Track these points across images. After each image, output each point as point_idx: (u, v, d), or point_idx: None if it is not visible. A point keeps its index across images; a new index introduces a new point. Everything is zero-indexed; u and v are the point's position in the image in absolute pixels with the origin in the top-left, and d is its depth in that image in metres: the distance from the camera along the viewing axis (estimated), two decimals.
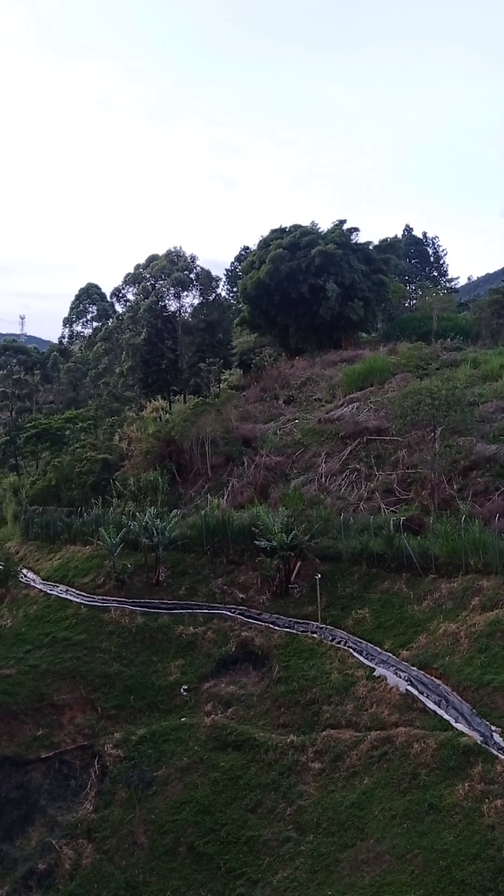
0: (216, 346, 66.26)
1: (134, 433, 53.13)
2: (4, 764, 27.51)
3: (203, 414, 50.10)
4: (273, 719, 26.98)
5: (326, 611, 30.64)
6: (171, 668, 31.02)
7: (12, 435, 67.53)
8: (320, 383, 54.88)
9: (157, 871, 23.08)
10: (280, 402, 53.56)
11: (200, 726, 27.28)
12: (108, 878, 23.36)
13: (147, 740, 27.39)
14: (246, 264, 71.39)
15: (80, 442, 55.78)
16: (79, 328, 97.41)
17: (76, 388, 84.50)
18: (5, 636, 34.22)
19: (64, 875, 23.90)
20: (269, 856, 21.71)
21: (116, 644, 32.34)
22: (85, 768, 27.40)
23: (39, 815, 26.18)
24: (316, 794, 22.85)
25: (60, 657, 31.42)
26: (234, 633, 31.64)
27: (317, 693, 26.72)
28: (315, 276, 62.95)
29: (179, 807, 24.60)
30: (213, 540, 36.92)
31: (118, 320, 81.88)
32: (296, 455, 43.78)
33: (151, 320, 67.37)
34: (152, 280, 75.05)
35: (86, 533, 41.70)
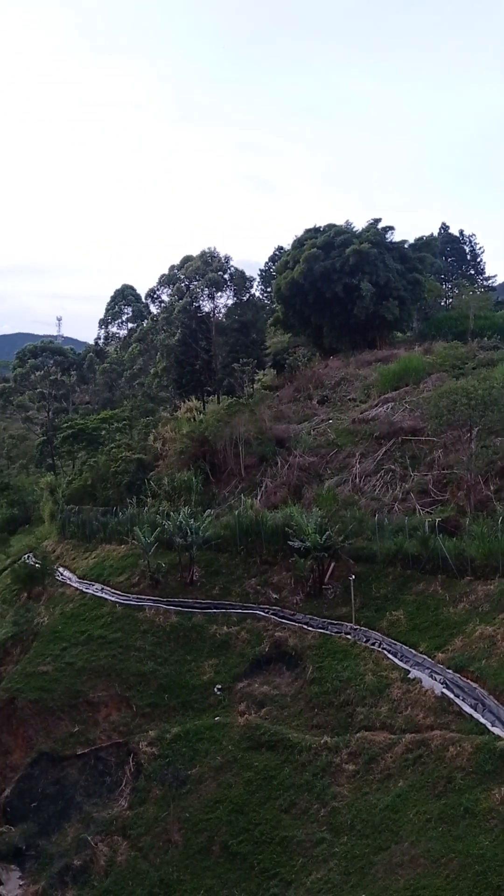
0: (250, 347, 66.32)
1: (168, 433, 53.43)
2: (41, 760, 27.92)
3: (236, 414, 50.17)
4: (307, 720, 26.93)
5: (360, 612, 30.49)
6: (205, 668, 31.14)
7: (49, 435, 68.42)
8: (354, 383, 54.60)
9: (191, 869, 23.20)
10: (314, 402, 53.41)
11: (234, 726, 27.34)
12: (143, 876, 23.54)
13: (181, 739, 27.53)
14: (280, 264, 71.31)
15: (116, 442, 56.27)
16: (114, 329, 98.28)
17: (111, 389, 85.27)
18: (42, 634, 34.71)
19: (99, 871, 24.15)
20: (303, 856, 21.68)
21: (151, 643, 32.56)
22: (120, 765, 27.65)
23: (75, 811, 26.50)
24: (350, 795, 22.75)
25: (96, 655, 31.75)
26: (268, 633, 31.65)
27: (351, 694, 26.61)
28: (349, 275, 62.64)
29: (213, 805, 24.69)
30: (247, 540, 36.95)
31: (153, 321, 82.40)
32: (330, 455, 43.61)
33: (185, 321, 67.66)
34: (186, 281, 75.40)
35: (121, 532, 42.03)
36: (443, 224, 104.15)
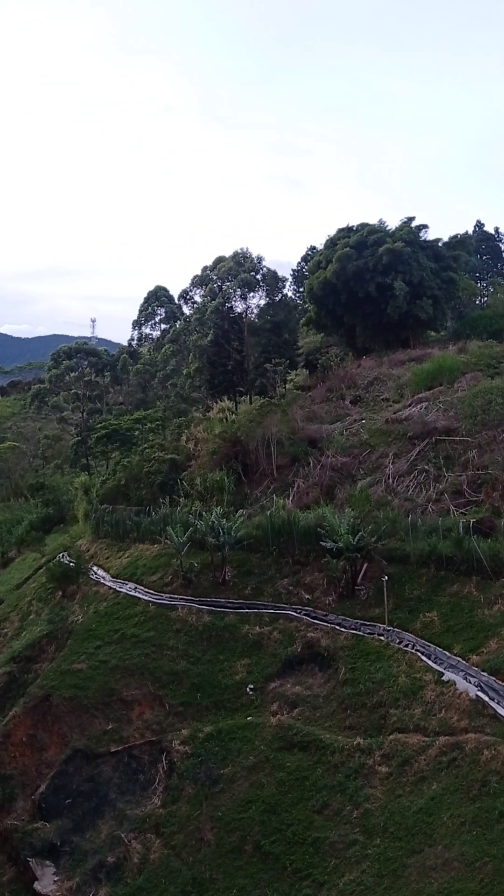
0: (282, 347, 66.20)
1: (200, 434, 53.60)
2: (76, 756, 28.20)
3: (269, 414, 50.16)
4: (339, 721, 26.84)
5: (393, 613, 30.31)
6: (238, 667, 31.20)
7: (83, 435, 69.02)
8: (388, 383, 54.24)
9: (223, 868, 23.26)
10: (346, 403, 53.17)
11: (266, 726, 27.35)
12: (176, 874, 23.66)
13: (214, 738, 27.61)
14: (312, 264, 71.14)
15: (149, 442, 56.58)
16: (147, 330, 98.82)
17: (145, 390, 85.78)
18: (77, 632, 35.05)
19: (132, 869, 24.33)
20: (336, 858, 21.61)
21: (183, 642, 32.71)
22: (153, 763, 27.81)
23: (109, 809, 26.71)
24: (383, 797, 22.63)
25: (129, 653, 31.98)
26: (300, 634, 31.60)
27: (384, 696, 26.46)
28: (382, 274, 62.26)
29: (246, 805, 24.73)
30: (279, 540, 36.94)
31: (185, 322, 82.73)
32: (362, 456, 43.40)
33: (218, 322, 67.80)
34: (219, 281, 75.57)
35: (154, 532, 42.27)
36: (477, 222, 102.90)
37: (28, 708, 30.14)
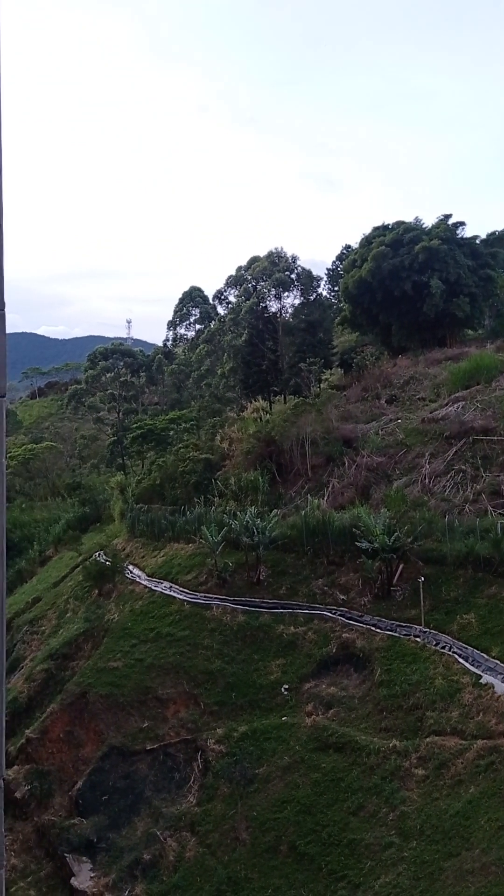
0: (317, 346, 66.09)
1: (235, 433, 53.68)
2: (112, 754, 28.44)
3: (303, 414, 50.05)
4: (375, 723, 26.68)
5: (430, 615, 30.04)
6: (272, 667, 31.18)
7: (119, 435, 69.64)
8: (424, 382, 53.80)
9: (258, 867, 23.27)
10: (382, 402, 52.85)
11: (301, 726, 27.30)
12: (211, 872, 23.72)
13: (248, 737, 27.64)
14: (347, 263, 70.86)
15: (184, 442, 56.84)
16: (182, 331, 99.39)
17: (180, 390, 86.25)
18: (112, 630, 35.34)
19: (168, 866, 24.45)
20: (372, 860, 21.50)
21: (218, 641, 32.79)
22: (188, 762, 27.94)
23: (144, 806, 26.89)
24: (419, 800, 22.45)
25: (164, 652, 32.15)
26: (335, 635, 31.49)
27: (420, 698, 26.25)
28: (419, 272, 61.78)
29: (281, 805, 24.70)
30: (314, 540, 36.84)
31: (220, 322, 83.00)
32: (398, 455, 43.09)
33: (252, 321, 67.91)
34: (253, 281, 75.70)
35: (188, 531, 42.45)
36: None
37: (65, 705, 30.49)
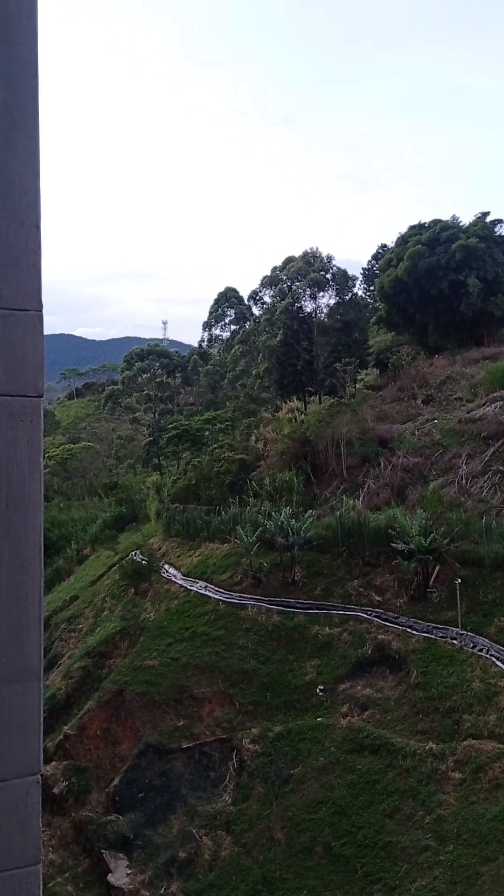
0: (352, 346, 65.79)
1: (270, 434, 53.67)
2: (148, 752, 28.64)
3: (338, 414, 49.86)
4: (411, 725, 26.48)
5: (467, 617, 29.72)
6: (307, 668, 31.12)
7: (155, 436, 70.08)
8: (461, 382, 53.24)
9: (293, 868, 23.24)
10: (418, 402, 52.42)
11: (336, 727, 27.20)
12: (246, 872, 23.75)
13: (283, 738, 27.62)
14: (383, 262, 70.45)
15: (219, 442, 57.00)
16: (217, 331, 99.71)
17: (215, 390, 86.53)
18: (148, 629, 35.59)
19: (203, 865, 24.54)
20: (408, 863, 21.34)
21: (253, 641, 32.82)
22: (224, 761, 28.01)
23: (180, 804, 27.03)
24: (456, 804, 22.23)
25: (200, 651, 32.28)
26: (371, 636, 31.32)
27: (457, 701, 25.98)
28: (455, 271, 61.15)
29: (316, 806, 24.65)
30: (349, 541, 36.66)
31: (255, 323, 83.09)
32: (435, 456, 42.71)
33: (287, 322, 67.86)
34: (288, 282, 75.64)
35: (224, 531, 42.54)
36: None
37: (102, 702, 30.78)
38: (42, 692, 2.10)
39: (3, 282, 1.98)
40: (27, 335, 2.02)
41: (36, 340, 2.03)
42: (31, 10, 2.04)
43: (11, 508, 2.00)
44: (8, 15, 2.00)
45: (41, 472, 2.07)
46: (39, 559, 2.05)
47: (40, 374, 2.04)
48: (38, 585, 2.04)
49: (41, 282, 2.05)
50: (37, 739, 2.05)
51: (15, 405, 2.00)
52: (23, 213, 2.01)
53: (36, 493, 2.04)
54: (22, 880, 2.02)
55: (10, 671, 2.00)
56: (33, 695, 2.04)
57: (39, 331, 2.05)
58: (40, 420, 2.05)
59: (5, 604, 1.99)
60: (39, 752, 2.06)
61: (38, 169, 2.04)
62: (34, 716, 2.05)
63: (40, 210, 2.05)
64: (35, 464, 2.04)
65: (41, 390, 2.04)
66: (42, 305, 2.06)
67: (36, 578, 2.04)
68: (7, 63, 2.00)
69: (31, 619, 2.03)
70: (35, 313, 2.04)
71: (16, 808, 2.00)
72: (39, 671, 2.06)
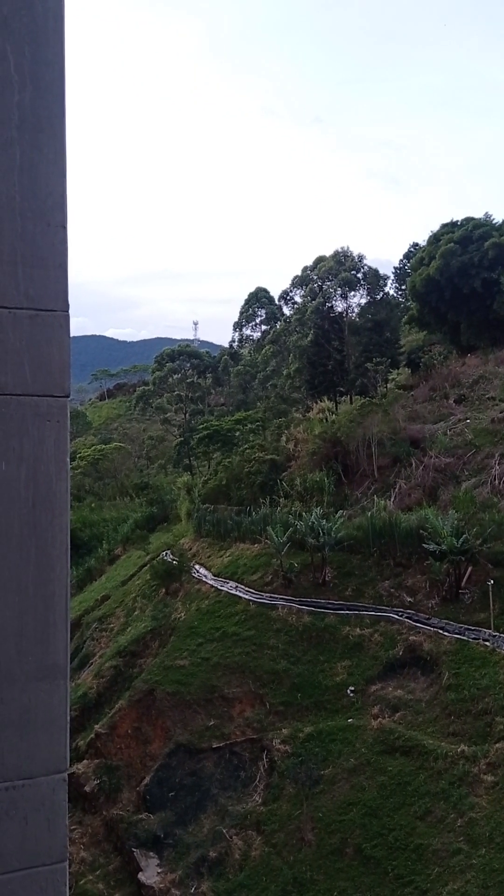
0: (383, 346, 65.37)
1: (300, 434, 53.58)
2: (179, 751, 28.75)
3: (369, 414, 49.62)
4: (442, 727, 26.25)
5: (500, 618, 29.38)
6: (338, 669, 31.01)
7: (186, 436, 70.31)
8: (494, 381, 52.63)
9: (324, 869, 23.17)
10: (450, 402, 51.93)
11: (367, 729, 27.07)
12: (277, 872, 23.73)
13: (314, 738, 27.56)
14: (415, 261, 69.90)
15: (249, 443, 57.02)
16: (248, 332, 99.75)
17: (245, 391, 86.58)
18: (179, 629, 35.73)
19: (234, 865, 24.57)
20: (439, 866, 21.16)
21: (284, 642, 32.78)
22: (254, 761, 28.02)
23: (211, 804, 27.09)
24: (488, 807, 21.99)
25: (230, 651, 32.32)
26: (402, 637, 31.10)
27: (490, 703, 25.70)
28: (488, 269, 60.46)
29: (346, 807, 24.55)
30: (380, 542, 36.44)
31: (286, 323, 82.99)
32: (467, 456, 42.29)
33: (318, 321, 67.64)
34: (319, 281, 75.40)
35: (254, 531, 42.53)
36: None
37: (133, 701, 30.97)
38: (69, 691, 2.10)
39: (30, 282, 1.99)
40: (53, 335, 2.03)
41: (62, 340, 2.04)
42: (59, 12, 2.05)
43: (38, 508, 2.01)
44: (35, 16, 2.01)
45: (68, 471, 2.08)
46: (66, 558, 2.06)
47: (67, 375, 2.05)
48: (64, 584, 2.05)
49: (67, 282, 2.06)
50: (63, 737, 2.06)
51: (42, 405, 2.01)
52: (49, 214, 2.02)
53: (63, 492, 2.05)
54: (48, 877, 2.03)
55: (37, 669, 2.01)
56: (60, 693, 2.05)
57: (66, 331, 2.06)
58: (67, 420, 2.05)
59: (32, 602, 2.00)
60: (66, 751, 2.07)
61: (64, 169, 2.05)
62: (61, 714, 2.06)
63: (66, 210, 2.06)
64: (62, 463, 2.05)
65: (68, 390, 2.05)
66: (68, 306, 2.07)
67: (63, 577, 2.05)
68: (34, 64, 2.01)
69: (58, 618, 2.04)
70: (61, 313, 2.04)
71: (42, 805, 2.02)
72: (66, 669, 2.07)
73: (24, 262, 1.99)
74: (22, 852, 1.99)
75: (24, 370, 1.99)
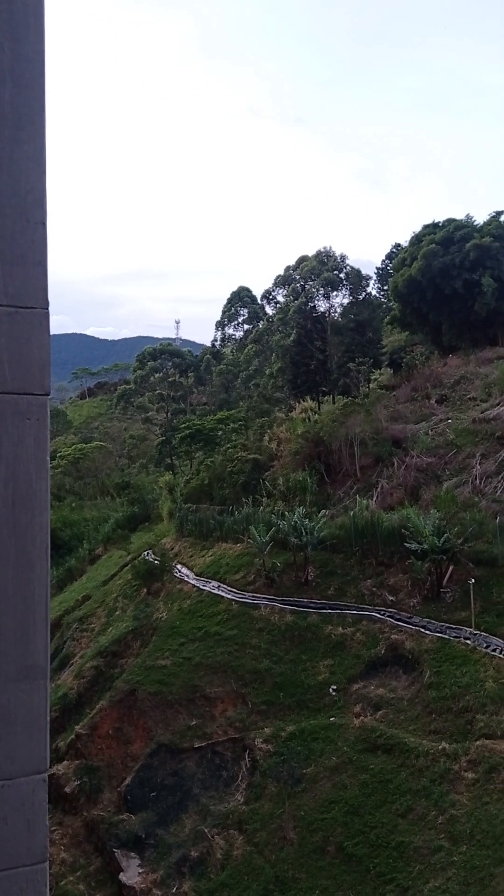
0: (366, 346, 65.67)
1: (283, 434, 53.66)
2: (160, 751, 28.69)
3: (352, 414, 49.79)
4: (424, 725, 26.39)
5: (480, 617, 29.59)
6: (320, 668, 31.08)
7: (168, 435, 70.26)
8: (475, 382, 53.00)
9: (306, 868, 23.21)
10: (432, 402, 52.23)
11: (349, 727, 27.15)
12: (258, 871, 23.74)
13: (296, 737, 27.60)
14: (397, 261, 70.23)
15: (232, 442, 57.04)
16: (230, 331, 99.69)
17: (228, 390, 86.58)
18: (161, 628, 35.66)
19: (215, 864, 24.55)
20: (420, 863, 21.27)
21: (266, 641, 32.81)
22: (236, 760, 28.02)
23: (192, 803, 27.06)
24: (469, 804, 22.13)
25: (213, 651, 32.31)
26: (384, 636, 31.24)
27: (470, 701, 25.87)
28: (469, 270, 60.89)
29: (328, 806, 24.61)
30: (362, 541, 36.57)
31: (268, 322, 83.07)
32: (448, 456, 42.55)
33: (301, 321, 67.81)
34: (302, 281, 75.56)
35: (237, 531, 42.54)
36: None
37: (114, 701, 30.87)
38: (49, 691, 2.09)
39: (9, 279, 1.98)
40: (33, 333, 2.01)
41: (42, 338, 2.03)
42: (38, 9, 2.04)
43: (18, 507, 1.99)
44: (14, 13, 2.00)
45: (48, 470, 2.06)
46: (46, 558, 2.05)
47: (47, 373, 2.04)
48: (44, 584, 2.04)
49: (47, 279, 2.05)
50: (43, 738, 2.05)
51: (21, 403, 1.99)
52: (29, 210, 2.01)
53: (43, 491, 2.04)
54: (29, 878, 2.02)
55: (17, 670, 2.00)
56: (40, 694, 2.04)
57: (46, 329, 2.04)
58: (47, 418, 2.04)
59: (11, 602, 1.98)
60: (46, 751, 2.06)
61: (44, 166, 2.04)
62: (41, 714, 2.04)
63: (46, 207, 2.04)
64: (42, 462, 2.03)
65: (48, 388, 2.04)
66: (48, 303, 2.05)
67: (42, 577, 2.03)
68: (14, 61, 2.00)
69: (38, 618, 2.03)
70: (41, 311, 2.03)
71: (22, 806, 2.00)
72: (46, 670, 2.06)
73: (4, 259, 1.98)
74: (2, 853, 1.98)
75: (4, 368, 1.97)
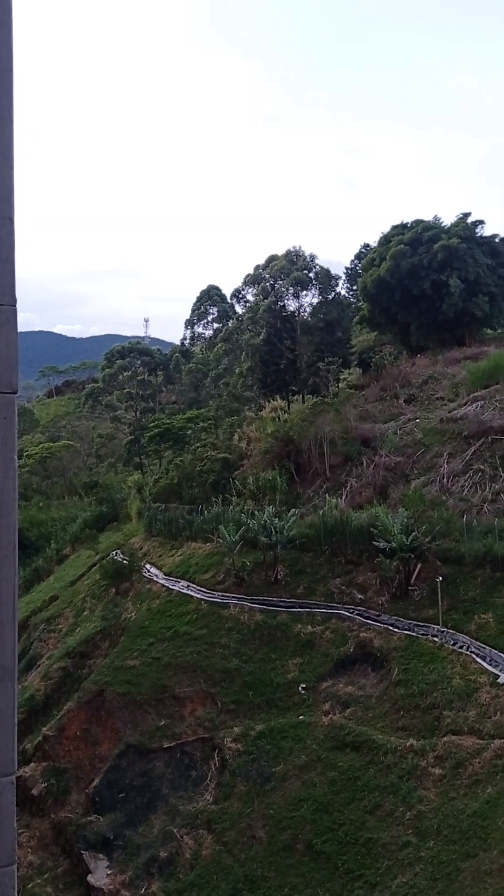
0: (335, 346, 65.98)
1: (253, 433, 53.72)
2: (129, 752, 28.55)
3: (321, 413, 50.00)
4: (392, 722, 26.61)
5: (448, 614, 29.90)
6: (290, 666, 31.17)
7: (136, 434, 69.88)
8: (442, 382, 53.53)
9: (275, 866, 23.27)
10: (400, 402, 52.64)
11: (318, 725, 27.27)
12: (228, 871, 23.75)
13: (265, 736, 27.66)
14: (366, 262, 70.65)
15: (201, 441, 56.94)
16: (200, 330, 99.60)
17: (197, 389, 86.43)
18: (130, 629, 35.47)
19: (184, 864, 24.50)
20: (388, 859, 21.44)
21: (236, 640, 32.82)
22: (205, 760, 27.99)
23: (161, 804, 26.98)
24: (436, 800, 22.35)
25: (182, 651, 32.23)
26: (353, 634, 31.42)
27: (437, 697, 26.14)
28: (437, 271, 61.50)
29: (297, 804, 24.70)
30: (332, 540, 36.75)
31: (238, 321, 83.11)
32: (416, 455, 42.93)
33: (270, 320, 67.94)
34: (271, 280, 75.72)
35: (206, 530, 42.49)
36: None
37: (82, 703, 30.65)
38: (16, 692, 2.07)
39: None
40: (0, 330, 1.99)
41: (9, 336, 2.00)
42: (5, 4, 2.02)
43: None
44: None
45: (15, 469, 2.04)
46: (14, 558, 2.02)
47: (14, 370, 2.01)
48: (12, 585, 2.02)
49: (15, 276, 2.02)
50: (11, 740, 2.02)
51: None
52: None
53: (10, 490, 2.01)
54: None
55: None
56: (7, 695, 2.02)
57: (13, 326, 2.02)
58: (14, 417, 2.02)
59: None
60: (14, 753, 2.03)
61: (12, 162, 2.01)
62: (8, 716, 2.02)
63: (13, 202, 2.02)
64: (9, 461, 2.01)
65: (15, 386, 2.01)
66: (16, 300, 2.03)
67: (10, 577, 2.01)
68: None
69: (5, 619, 2.00)
70: (8, 308, 2.01)
71: None
72: (14, 671, 2.03)
73: None
74: None
75: None
